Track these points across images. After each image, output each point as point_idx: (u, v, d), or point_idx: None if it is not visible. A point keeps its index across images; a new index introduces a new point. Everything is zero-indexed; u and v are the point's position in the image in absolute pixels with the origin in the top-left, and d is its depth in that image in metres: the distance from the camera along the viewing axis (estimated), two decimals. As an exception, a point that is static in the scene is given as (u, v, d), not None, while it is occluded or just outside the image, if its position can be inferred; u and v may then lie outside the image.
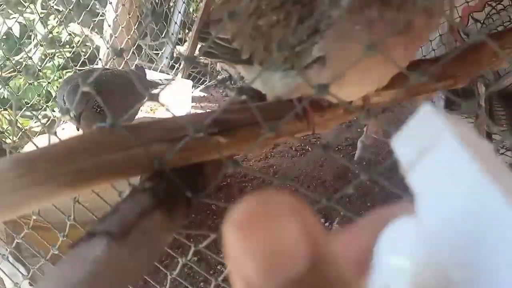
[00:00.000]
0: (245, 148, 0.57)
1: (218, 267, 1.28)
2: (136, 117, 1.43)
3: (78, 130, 1.20)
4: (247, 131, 0.56)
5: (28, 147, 1.49)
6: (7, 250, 0.95)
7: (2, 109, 1.85)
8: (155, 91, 0.48)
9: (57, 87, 2.30)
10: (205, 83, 2.75)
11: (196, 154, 0.53)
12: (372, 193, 1.56)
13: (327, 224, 1.44)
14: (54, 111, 1.97)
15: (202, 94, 2.58)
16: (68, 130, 1.60)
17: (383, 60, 0.53)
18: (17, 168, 0.44)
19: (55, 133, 0.58)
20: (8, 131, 2.34)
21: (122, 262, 0.42)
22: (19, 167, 0.44)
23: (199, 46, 2.78)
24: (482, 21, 2.73)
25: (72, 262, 0.41)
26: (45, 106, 1.78)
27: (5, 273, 0.95)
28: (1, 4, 2.50)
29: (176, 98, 2.09)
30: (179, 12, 3.02)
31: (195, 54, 2.68)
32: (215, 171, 0.61)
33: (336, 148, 1.82)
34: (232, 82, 2.74)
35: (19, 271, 0.96)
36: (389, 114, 1.87)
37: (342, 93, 0.48)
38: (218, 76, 2.84)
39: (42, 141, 1.21)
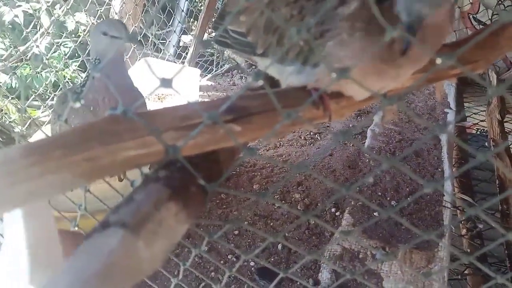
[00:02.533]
0: (261, 136, 0.56)
1: (229, 256, 1.28)
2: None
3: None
4: (262, 118, 0.54)
5: (37, 137, 1.49)
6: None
7: (10, 98, 1.84)
8: (167, 77, 0.46)
9: (64, 76, 2.29)
10: (212, 72, 2.73)
11: (210, 141, 0.52)
12: (383, 181, 1.55)
13: (338, 213, 1.43)
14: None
15: (209, 83, 2.56)
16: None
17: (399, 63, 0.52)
18: (29, 156, 0.43)
19: (65, 121, 0.57)
20: (16, 121, 2.34)
21: (138, 254, 0.41)
22: (31, 155, 0.43)
23: (206, 35, 2.75)
24: (493, 8, 2.68)
25: (87, 254, 0.39)
26: (53, 95, 1.77)
27: None
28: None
29: (183, 87, 2.07)
30: (186, 0, 2.99)
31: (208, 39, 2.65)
32: (229, 159, 0.59)
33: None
34: (240, 71, 2.71)
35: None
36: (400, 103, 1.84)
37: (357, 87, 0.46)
38: (225, 65, 2.82)
39: (49, 131, 1.20)
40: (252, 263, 1.26)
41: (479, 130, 2.58)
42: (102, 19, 2.21)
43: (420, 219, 1.39)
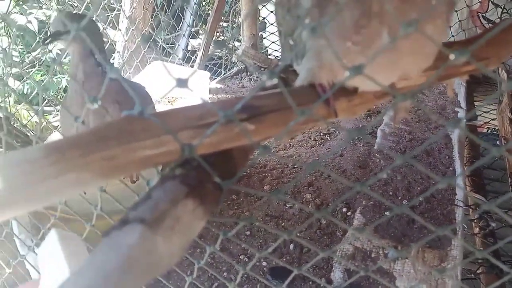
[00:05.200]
0: (273, 134, 0.56)
1: (241, 257, 1.28)
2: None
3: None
4: (275, 117, 0.55)
5: (51, 139, 1.51)
6: (32, 241, 0.96)
7: (23, 103, 1.87)
8: (183, 77, 0.47)
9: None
10: (221, 75, 2.74)
11: (224, 140, 0.53)
12: (394, 181, 1.54)
13: (349, 212, 1.43)
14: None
15: (218, 85, 2.57)
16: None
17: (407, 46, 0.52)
18: (49, 155, 0.44)
19: (83, 122, 0.58)
20: (28, 126, 2.38)
21: (156, 250, 0.42)
22: (51, 154, 0.44)
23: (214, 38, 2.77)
24: (502, 6, 2.66)
25: (106, 251, 0.40)
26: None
27: (31, 264, 0.96)
28: (20, 0, 2.52)
29: (194, 90, 2.08)
30: (195, 4, 3.01)
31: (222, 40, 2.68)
32: (243, 158, 0.60)
33: (356, 137, 1.80)
34: (248, 73, 2.72)
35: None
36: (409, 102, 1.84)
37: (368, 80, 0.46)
38: (234, 68, 2.83)
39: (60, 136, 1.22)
40: (264, 263, 1.26)
41: (489, 129, 2.57)
42: (111, 24, 2.24)
43: (432, 218, 1.39)
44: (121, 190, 0.77)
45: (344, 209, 1.44)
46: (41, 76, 2.75)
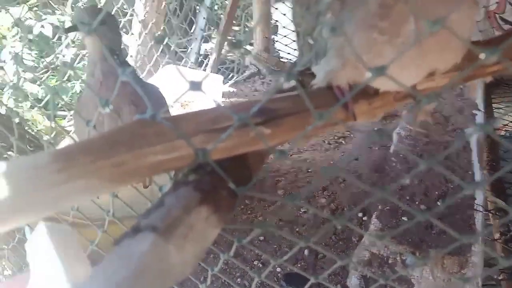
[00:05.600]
0: (290, 138, 0.54)
1: (254, 262, 1.26)
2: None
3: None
4: (292, 120, 0.53)
5: (63, 145, 1.51)
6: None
7: (37, 107, 1.88)
8: (196, 80, 0.46)
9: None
10: (234, 78, 2.73)
11: (239, 145, 0.51)
12: (411, 185, 1.51)
13: (365, 217, 1.40)
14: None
15: (231, 89, 2.56)
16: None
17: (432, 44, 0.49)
18: (57, 162, 0.43)
19: (94, 127, 0.57)
20: (43, 130, 2.39)
21: (169, 259, 0.40)
22: (59, 161, 0.43)
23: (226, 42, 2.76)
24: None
25: (117, 259, 0.39)
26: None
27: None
28: (33, 7, 2.55)
29: (207, 93, 2.07)
30: (208, 7, 3.01)
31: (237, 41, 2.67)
32: (258, 163, 0.58)
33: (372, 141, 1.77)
34: (261, 76, 2.71)
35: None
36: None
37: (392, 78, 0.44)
38: (247, 71, 2.82)
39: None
40: (278, 269, 1.24)
41: (508, 131, 2.51)
42: (124, 29, 2.25)
43: (451, 224, 1.35)
44: (136, 195, 0.75)
45: (360, 214, 1.41)
46: (56, 81, 2.77)
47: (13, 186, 0.42)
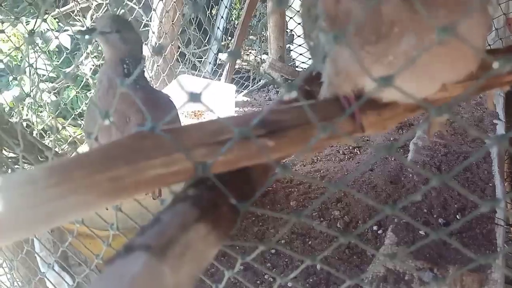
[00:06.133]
0: (295, 151, 0.52)
1: (265, 276, 1.23)
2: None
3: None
4: (297, 132, 0.51)
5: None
6: (53, 259, 0.94)
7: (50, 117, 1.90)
8: (196, 91, 0.44)
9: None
10: (248, 88, 2.72)
11: (242, 158, 0.49)
12: (428, 197, 1.46)
13: (380, 231, 1.36)
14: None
15: (245, 99, 2.55)
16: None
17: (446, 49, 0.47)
18: (52, 176, 0.41)
19: (96, 138, 0.56)
20: (62, 140, 2.42)
21: (162, 280, 0.38)
22: (54, 175, 0.41)
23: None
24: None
25: (109, 280, 0.37)
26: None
27: (51, 282, 0.95)
28: (55, 18, 2.59)
29: (220, 103, 2.07)
30: (222, 17, 3.02)
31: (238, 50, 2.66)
32: (263, 176, 0.56)
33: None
34: (275, 86, 2.69)
35: (64, 280, 0.96)
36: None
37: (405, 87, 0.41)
38: (261, 81, 2.81)
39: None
40: (290, 284, 1.21)
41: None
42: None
43: (471, 238, 1.30)
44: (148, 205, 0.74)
45: (375, 227, 1.37)
46: (76, 92, 2.80)
47: (5, 203, 0.40)
